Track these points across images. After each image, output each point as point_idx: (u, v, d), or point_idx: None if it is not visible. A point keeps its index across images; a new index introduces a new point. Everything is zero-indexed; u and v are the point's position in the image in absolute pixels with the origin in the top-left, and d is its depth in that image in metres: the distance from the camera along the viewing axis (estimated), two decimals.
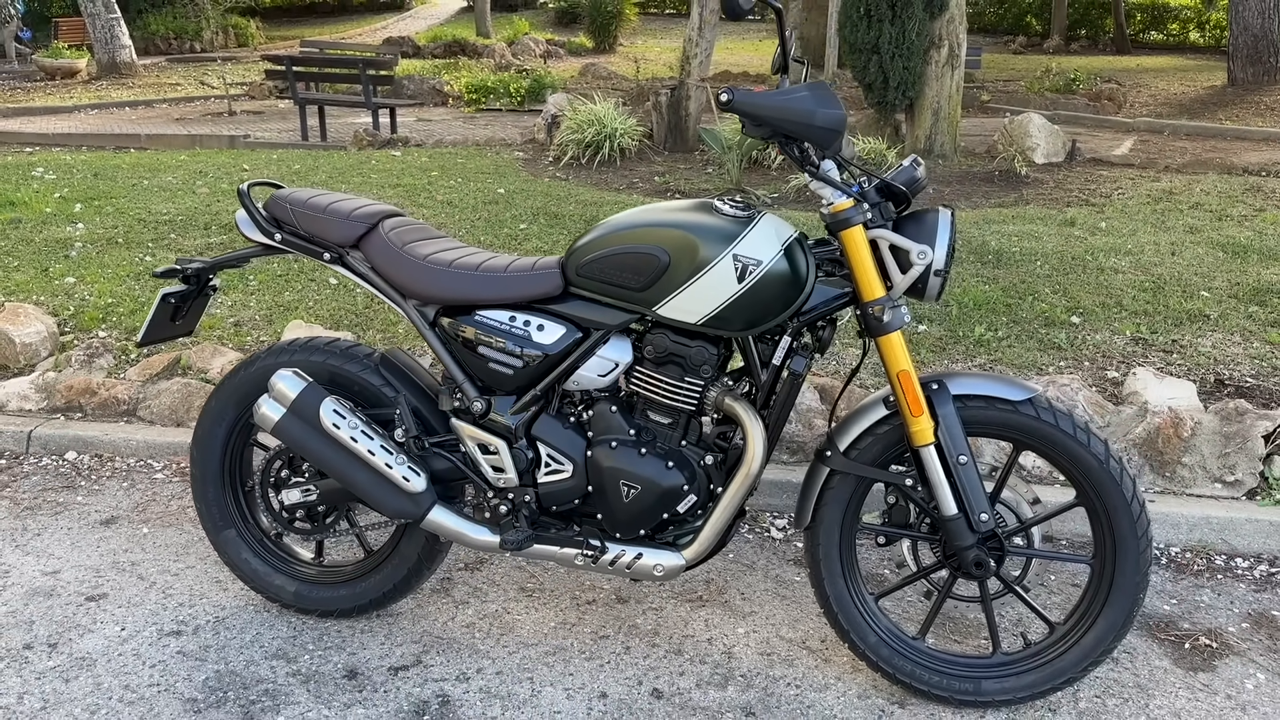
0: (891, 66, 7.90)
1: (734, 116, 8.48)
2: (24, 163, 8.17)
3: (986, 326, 4.08)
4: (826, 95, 2.05)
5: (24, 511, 3.27)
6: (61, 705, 2.35)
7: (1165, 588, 2.86)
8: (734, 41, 28.11)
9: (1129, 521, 2.21)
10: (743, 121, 2.12)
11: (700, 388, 2.31)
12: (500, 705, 2.37)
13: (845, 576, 2.38)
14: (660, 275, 2.23)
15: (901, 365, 2.20)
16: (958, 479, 2.21)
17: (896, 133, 8.64)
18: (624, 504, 2.33)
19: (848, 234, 2.18)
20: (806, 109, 2.03)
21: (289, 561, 2.70)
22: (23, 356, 4.00)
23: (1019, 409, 2.22)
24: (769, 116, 2.04)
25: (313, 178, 7.15)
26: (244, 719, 2.32)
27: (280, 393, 2.43)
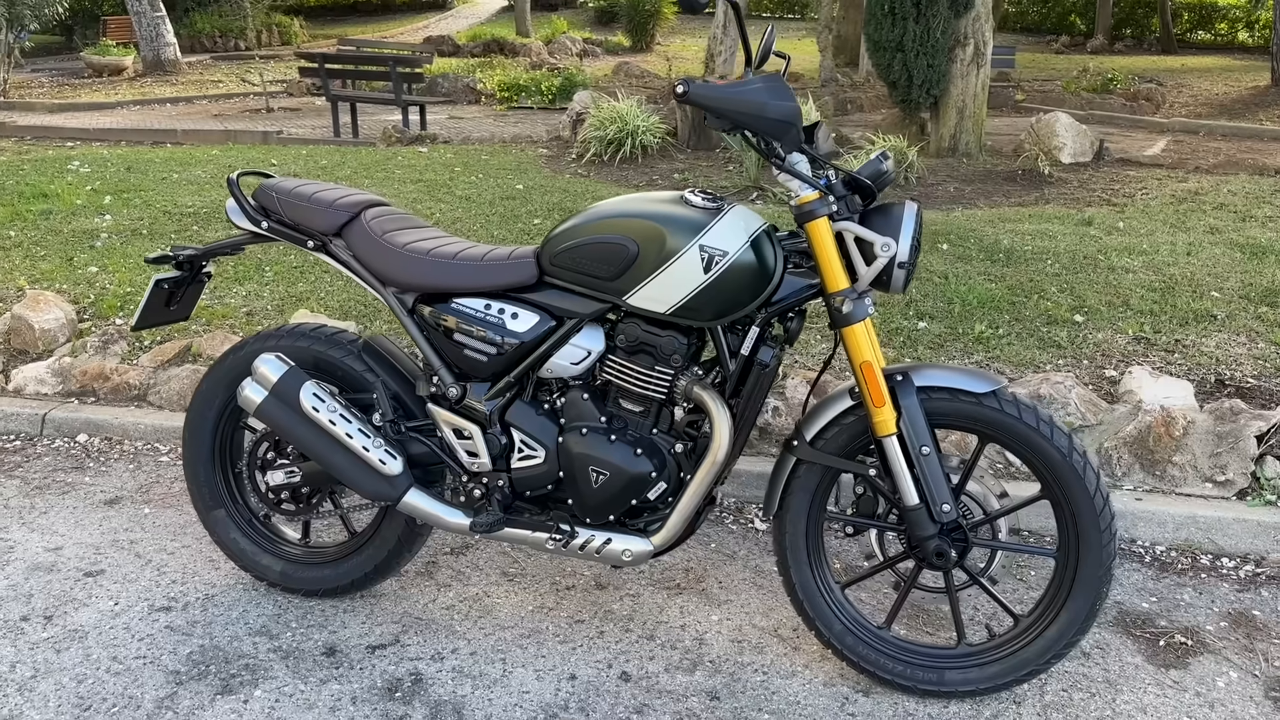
0: (915, 64, 7.88)
1: None
2: (63, 156, 8.38)
3: (988, 324, 4.07)
4: (779, 88, 2.08)
5: (33, 490, 3.38)
6: (51, 674, 2.44)
7: (1146, 585, 2.86)
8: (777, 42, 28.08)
9: (1091, 515, 2.22)
10: (705, 114, 2.15)
11: (670, 377, 2.35)
12: (471, 684, 2.42)
13: (811, 565, 2.41)
14: (630, 265, 2.27)
15: (864, 356, 2.23)
16: (919, 469, 2.23)
17: (922, 131, 8.60)
18: (593, 489, 2.37)
19: (813, 226, 2.21)
20: (758, 100, 2.06)
21: (276, 541, 2.78)
22: (41, 342, 4.12)
23: (982, 401, 2.23)
24: (722, 108, 2.08)
25: (338, 173, 7.26)
26: (222, 691, 2.39)
27: (262, 376, 2.50)
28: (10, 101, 13.72)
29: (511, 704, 2.35)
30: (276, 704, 2.35)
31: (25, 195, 6.34)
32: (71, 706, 2.33)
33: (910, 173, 7.06)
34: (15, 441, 3.74)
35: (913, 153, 7.08)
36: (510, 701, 2.36)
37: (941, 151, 8.28)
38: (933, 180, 7.30)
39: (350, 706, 2.34)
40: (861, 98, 13.08)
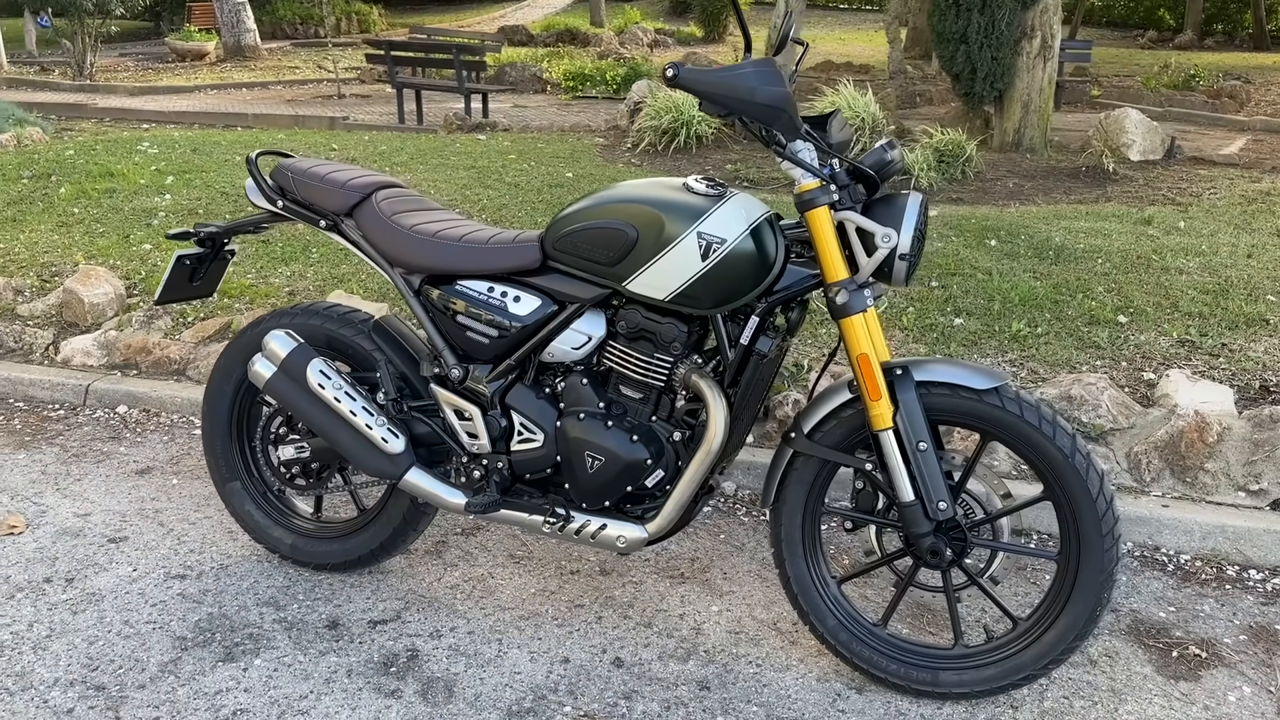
0: (980, 57, 7.71)
1: (810, 103, 8.34)
2: (135, 138, 8.63)
3: (1026, 322, 3.97)
4: (770, 73, 2.05)
5: (71, 458, 3.49)
6: (65, 635, 2.52)
7: (1165, 594, 2.77)
8: (849, 33, 27.77)
9: (1093, 518, 2.16)
10: (699, 100, 2.13)
11: (670, 364, 2.34)
12: (465, 663, 2.44)
13: (807, 558, 2.38)
14: (629, 251, 2.26)
15: (861, 348, 2.19)
16: (915, 465, 2.19)
17: (986, 125, 8.42)
18: (589, 474, 2.38)
19: (812, 215, 2.18)
20: (747, 86, 2.03)
21: (288, 515, 2.83)
22: (90, 315, 4.26)
23: (983, 398, 2.18)
24: (711, 93, 2.05)
25: (395, 158, 7.36)
26: (225, 658, 2.45)
27: (272, 352, 2.55)
28: (95, 84, 14.17)
29: (502, 684, 2.37)
30: (274, 673, 2.40)
31: (93, 174, 6.54)
32: (80, 667, 2.40)
33: (968, 167, 6.92)
34: (59, 410, 3.87)
35: (971, 147, 6.93)
36: (501, 681, 2.38)
37: (1005, 146, 8.10)
38: (992, 175, 7.14)
39: (345, 679, 2.38)
40: (931, 90, 12.85)
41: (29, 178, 6.48)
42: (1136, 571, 2.87)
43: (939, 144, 6.94)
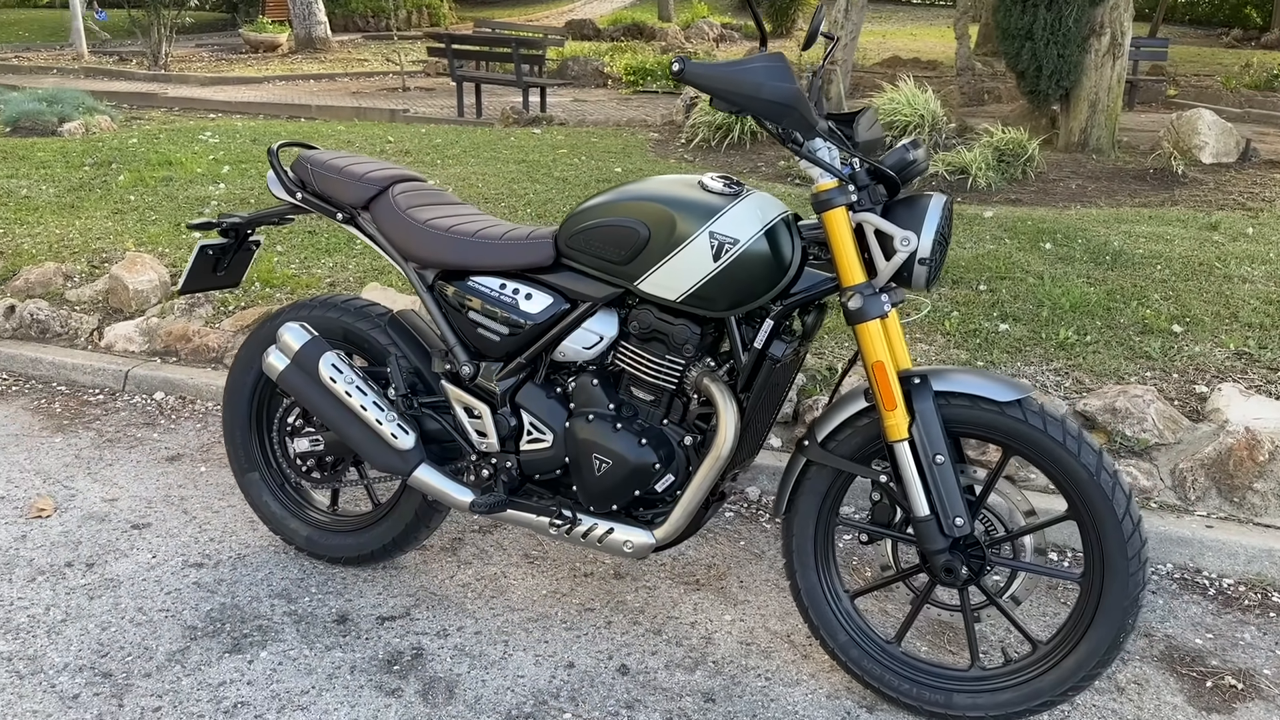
0: (1045, 54, 7.49)
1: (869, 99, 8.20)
2: (198, 127, 8.79)
3: (1075, 330, 3.83)
4: (779, 69, 1.97)
5: (105, 443, 3.54)
6: (79, 619, 2.55)
7: (1204, 620, 2.63)
8: (920, 28, 27.30)
9: (1119, 540, 2.05)
10: (709, 96, 2.06)
11: (682, 367, 2.28)
12: (469, 664, 2.41)
13: (819, 570, 2.30)
14: (641, 249, 2.21)
15: (876, 356, 2.11)
16: (930, 479, 2.10)
17: (1052, 124, 8.19)
18: (595, 477, 2.33)
19: (829, 215, 2.10)
20: (754, 81, 1.96)
21: (305, 507, 2.83)
22: (134, 302, 4.32)
23: (1005, 410, 2.08)
24: (717, 88, 1.98)
25: (448, 151, 7.39)
26: (232, 649, 2.45)
27: (286, 344, 2.54)
28: (168, 74, 14.47)
29: (504, 687, 2.33)
30: (279, 667, 2.39)
31: (152, 163, 6.67)
32: (90, 652, 2.42)
33: (1029, 167, 6.73)
34: (99, 395, 3.94)
35: (1033, 146, 6.73)
36: (503, 684, 2.34)
37: (1070, 146, 7.86)
38: (1054, 176, 6.93)
39: (348, 675, 2.37)
40: (1000, 88, 12.55)
41: (91, 165, 6.62)
42: (1174, 595, 2.74)
43: (999, 143, 6.76)
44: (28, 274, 4.55)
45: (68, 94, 8.77)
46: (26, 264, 4.68)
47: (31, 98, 8.57)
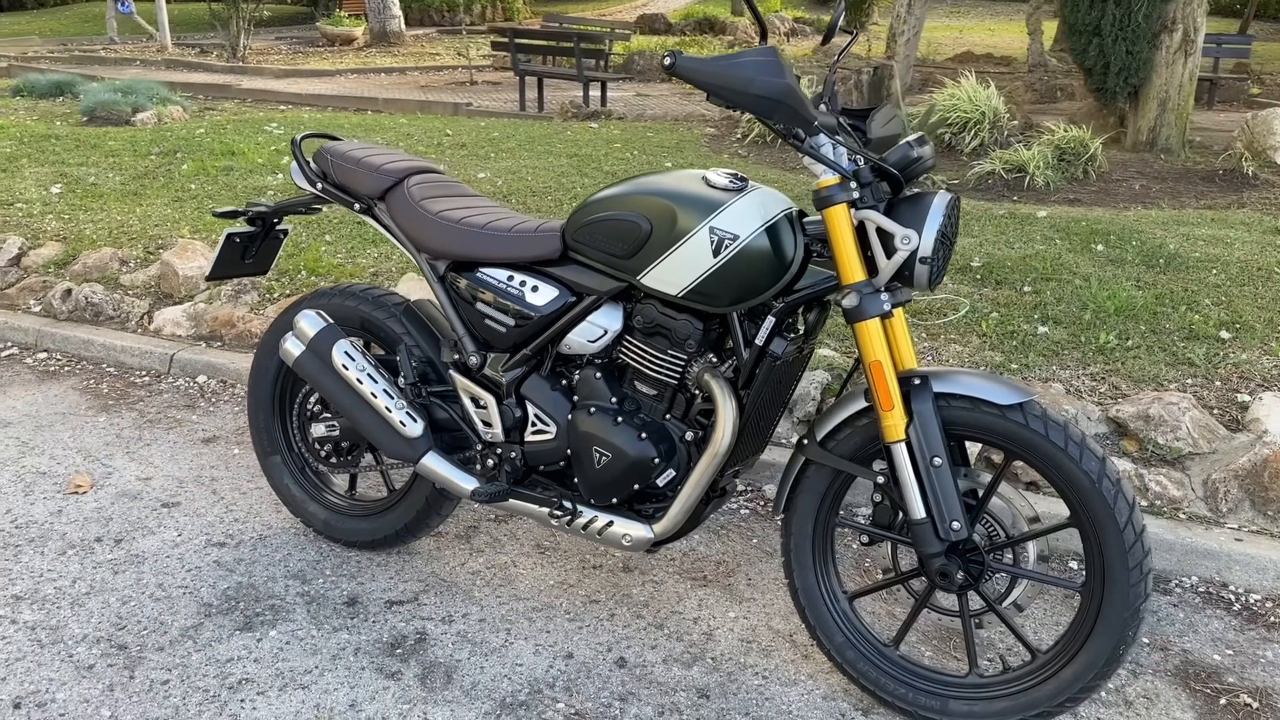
0: (1113, 50, 7.29)
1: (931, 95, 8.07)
2: (266, 119, 9.00)
3: (1117, 334, 3.73)
4: (771, 64, 1.94)
5: (146, 424, 3.66)
6: (101, 593, 2.63)
7: (1225, 636, 2.55)
8: (999, 23, 26.73)
9: (1119, 550, 1.99)
10: (705, 92, 2.05)
11: (684, 362, 2.28)
12: (470, 650, 2.44)
13: (817, 571, 2.29)
14: (643, 244, 2.21)
15: (874, 355, 2.08)
16: (926, 481, 2.07)
17: (1121, 122, 7.97)
18: (595, 470, 2.34)
19: (830, 212, 2.08)
20: (745, 76, 1.94)
21: (323, 491, 2.89)
22: (184, 288, 4.45)
23: (1006, 414, 2.04)
24: (708, 83, 1.97)
25: (503, 145, 7.46)
26: (243, 627, 2.51)
27: (302, 331, 2.60)
28: (245, 66, 14.83)
29: (501, 674, 2.36)
30: (286, 646, 2.45)
31: (215, 152, 6.84)
32: (109, 625, 2.50)
33: (1091, 166, 6.56)
34: (145, 377, 4.06)
35: (1095, 145, 6.56)
36: (500, 672, 2.37)
37: (1139, 146, 7.65)
38: (1118, 176, 6.75)
39: (351, 657, 2.41)
40: (1073, 85, 12.22)
41: (157, 154, 6.82)
42: (1197, 609, 2.66)
43: (1060, 141, 6.60)
44: (86, 259, 4.71)
45: (142, 85, 9.04)
46: (86, 249, 4.85)
47: (108, 88, 8.86)
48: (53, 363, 4.18)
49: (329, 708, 2.24)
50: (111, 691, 2.27)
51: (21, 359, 4.22)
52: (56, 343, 4.27)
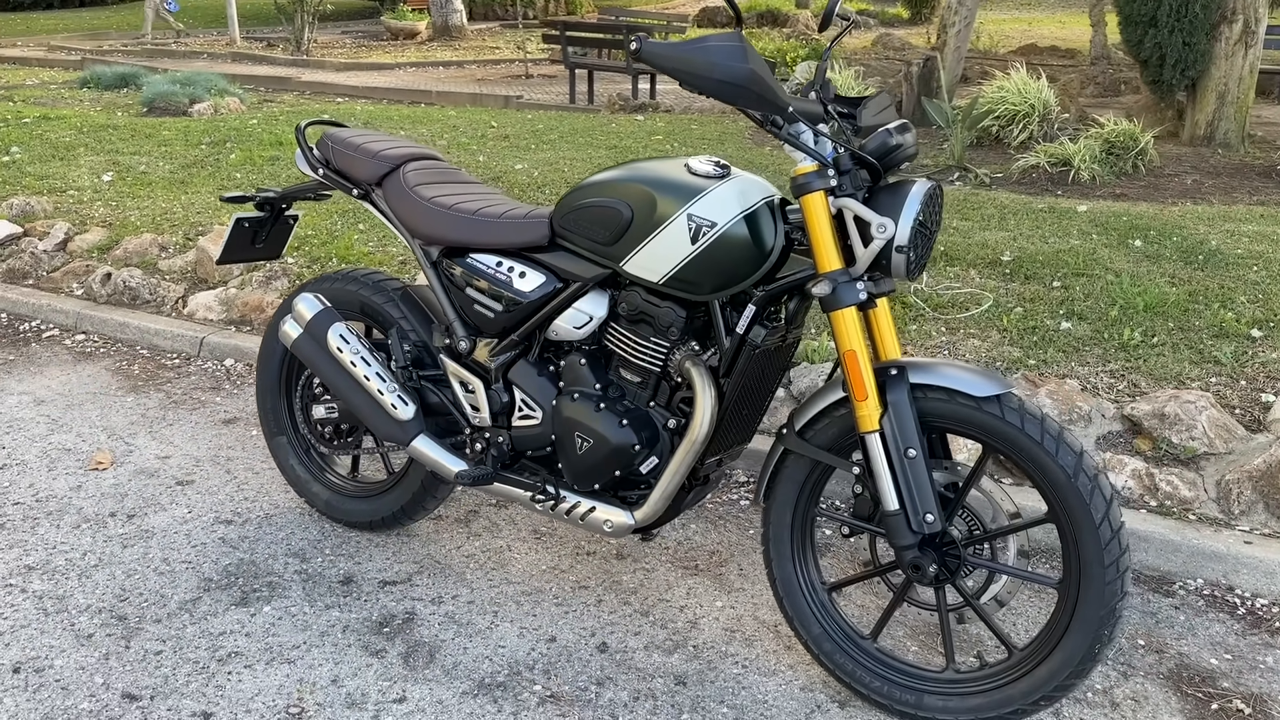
0: (1169, 42, 7.09)
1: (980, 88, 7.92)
2: (319, 110, 9.17)
3: (1143, 331, 3.64)
4: (733, 49, 1.92)
5: (171, 404, 3.76)
6: (108, 566, 2.72)
7: (1225, 640, 2.48)
8: (1070, 15, 26.11)
9: (1095, 546, 1.95)
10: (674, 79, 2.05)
11: (666, 349, 2.28)
12: (455, 630, 2.48)
13: (795, 561, 2.27)
14: (625, 231, 2.22)
15: (849, 345, 2.06)
16: (900, 473, 2.05)
17: (1179, 116, 7.76)
18: (577, 455, 2.35)
19: (806, 200, 2.06)
20: (706, 61, 1.92)
21: (327, 472, 2.94)
22: (217, 273, 4.56)
23: (982, 406, 2.01)
24: (673, 68, 1.96)
25: (547, 136, 7.50)
26: (239, 603, 2.58)
27: (299, 313, 2.65)
28: (307, 60, 15.10)
29: (483, 655, 2.39)
30: (278, 621, 2.50)
31: (265, 143, 6.99)
32: (112, 596, 2.58)
33: (1141, 161, 6.39)
34: (175, 360, 4.17)
35: (1146, 139, 6.39)
36: (482, 653, 2.39)
37: (1195, 140, 7.43)
38: (1170, 171, 6.57)
39: (339, 634, 2.46)
40: (1137, 78, 11.93)
41: (207, 144, 6.99)
42: (1199, 612, 2.59)
43: (1109, 134, 6.44)
44: (127, 244, 4.85)
45: (202, 77, 9.27)
46: (129, 235, 4.99)
47: (169, 80, 9.10)
48: (90, 344, 4.32)
49: (311, 682, 2.29)
50: (107, 660, 2.35)
51: (61, 340, 4.36)
52: (95, 325, 4.41)
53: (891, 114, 2.31)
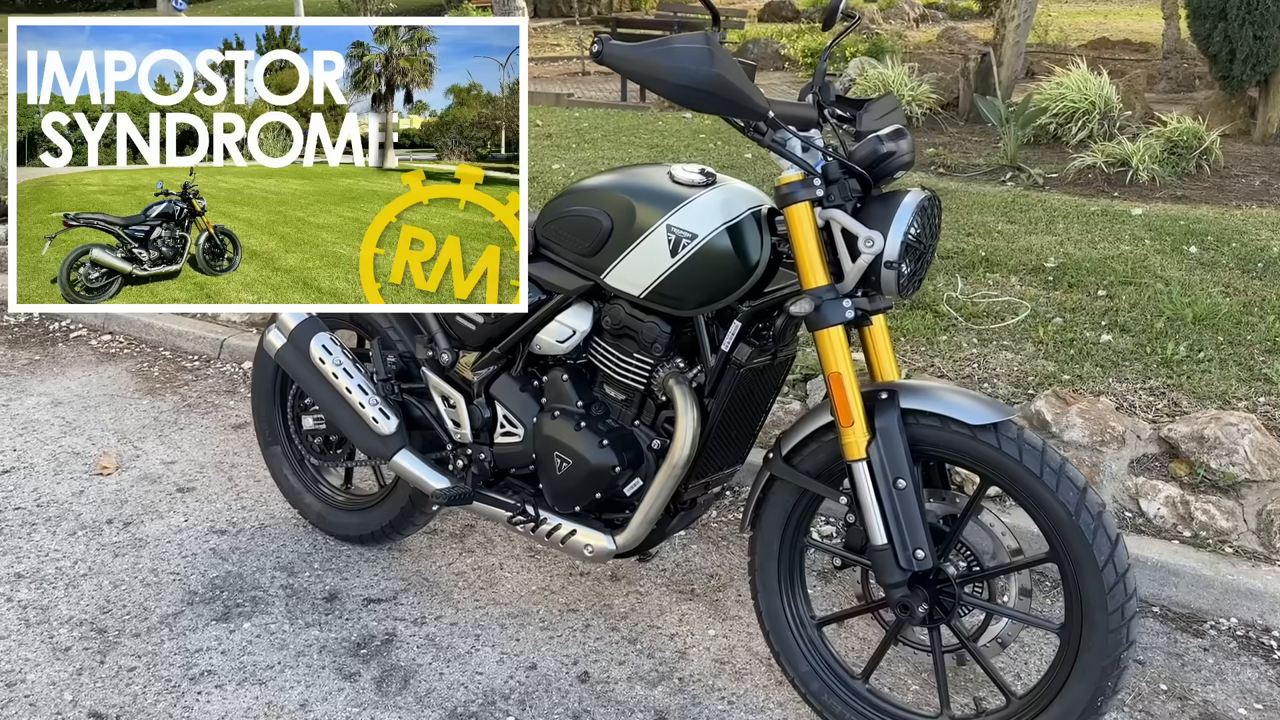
0: (1239, 36, 6.74)
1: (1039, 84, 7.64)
2: None
3: (1189, 345, 3.42)
4: (696, 51, 1.77)
5: (185, 408, 3.74)
6: (97, 575, 2.69)
7: (1258, 688, 2.29)
8: (1147, 7, 25.26)
9: (1098, 591, 1.79)
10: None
11: (650, 366, 2.16)
12: (433, 654, 2.39)
13: (783, 593, 2.14)
14: (605, 241, 2.11)
15: (834, 366, 1.92)
16: (888, 505, 1.90)
17: (1251, 114, 7.38)
18: (557, 476, 2.25)
19: (790, 211, 1.93)
20: (665, 65, 1.78)
21: (320, 484, 2.88)
22: None
23: (977, 434, 1.86)
24: (634, 71, 1.83)
25: (591, 134, 7.41)
26: (220, 618, 2.52)
27: (283, 323, 2.59)
28: None
29: (458, 682, 2.29)
30: (255, 640, 2.44)
31: None
32: (95, 607, 2.55)
33: (1206, 161, 6.08)
34: (195, 362, 4.16)
35: (1211, 137, 6.07)
36: (458, 680, 2.30)
37: (1268, 138, 7.06)
38: (1237, 172, 6.24)
39: (315, 655, 2.39)
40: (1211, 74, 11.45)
41: None
42: (1230, 655, 2.39)
43: (1172, 133, 6.14)
44: None
45: None
46: None
47: None
48: (115, 345, 4.33)
49: (280, 705, 2.22)
50: (79, 675, 2.31)
51: (87, 340, 4.38)
52: (121, 325, 4.42)
53: (897, 117, 2.16)
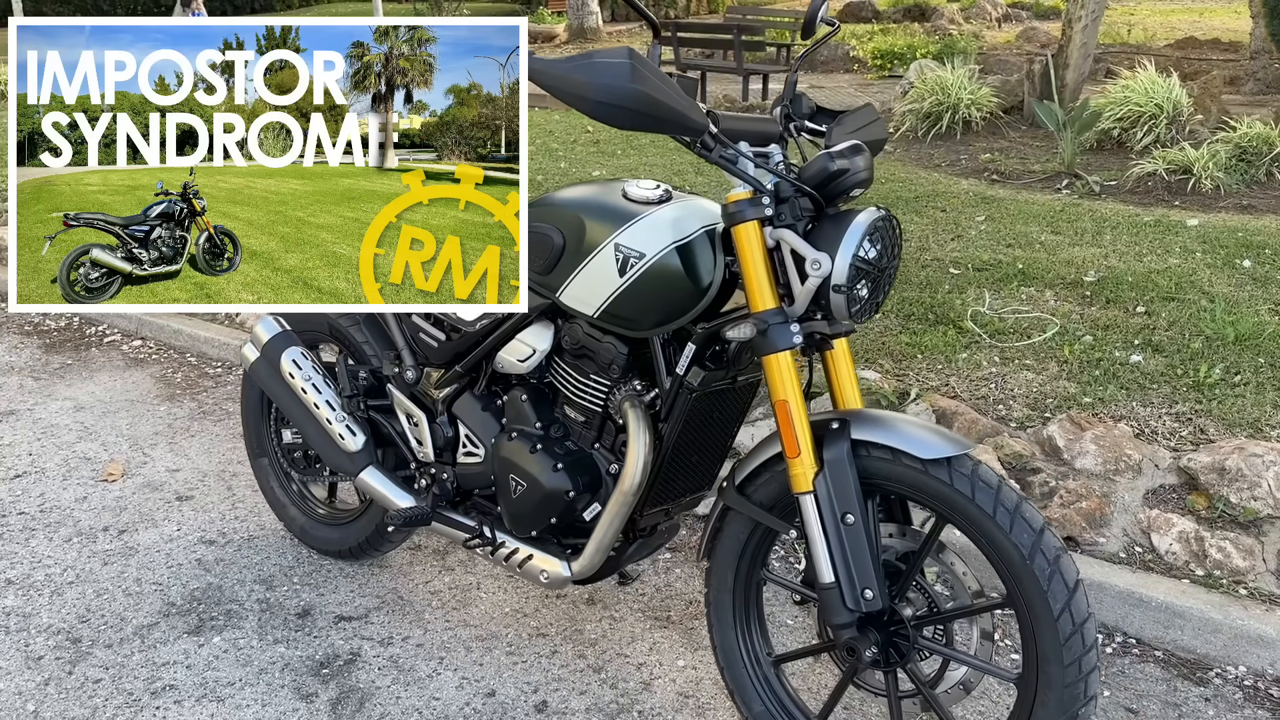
0: None
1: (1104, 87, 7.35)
2: None
3: (1226, 368, 3.22)
4: (619, 66, 1.68)
5: (200, 414, 3.78)
6: (84, 583, 2.71)
7: None
8: (1242, 5, 24.27)
9: (1054, 641, 1.67)
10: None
11: (607, 388, 2.09)
12: (394, 676, 2.35)
13: (738, 628, 2.05)
14: (558, 259, 2.05)
15: (780, 394, 1.82)
16: (834, 541, 1.80)
17: None
18: (511, 499, 2.19)
19: (737, 231, 1.84)
20: (582, 80, 1.69)
21: (305, 497, 2.87)
22: None
23: (929, 469, 1.74)
24: (554, 87, 1.74)
25: (634, 141, 7.35)
26: (192, 631, 2.52)
27: (257, 336, 2.58)
28: None
29: (413, 708, 2.25)
30: (221, 655, 2.43)
31: None
32: (75, 617, 2.57)
33: (1276, 168, 5.76)
34: (218, 369, 4.21)
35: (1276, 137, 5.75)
36: (414, 705, 2.26)
37: None
38: None
39: (277, 673, 2.37)
40: None
41: None
42: (1234, 707, 2.22)
43: (1241, 139, 5.84)
44: None
45: None
46: None
47: None
48: (144, 350, 4.41)
49: None
50: (45, 686, 2.32)
51: (120, 345, 4.47)
52: (152, 331, 4.50)
53: (877, 130, 2.06)
